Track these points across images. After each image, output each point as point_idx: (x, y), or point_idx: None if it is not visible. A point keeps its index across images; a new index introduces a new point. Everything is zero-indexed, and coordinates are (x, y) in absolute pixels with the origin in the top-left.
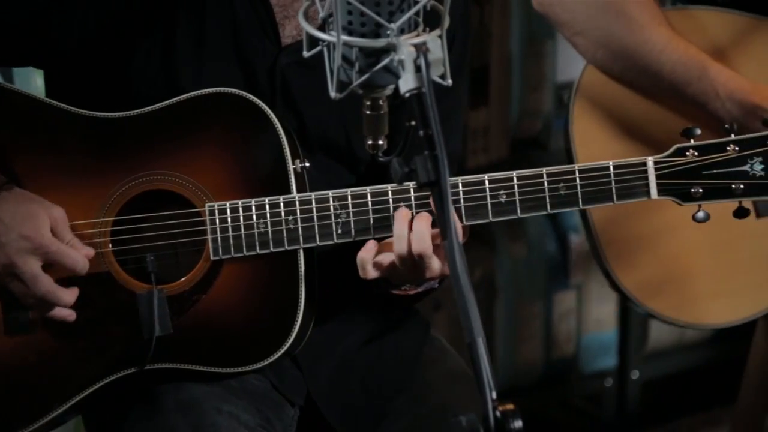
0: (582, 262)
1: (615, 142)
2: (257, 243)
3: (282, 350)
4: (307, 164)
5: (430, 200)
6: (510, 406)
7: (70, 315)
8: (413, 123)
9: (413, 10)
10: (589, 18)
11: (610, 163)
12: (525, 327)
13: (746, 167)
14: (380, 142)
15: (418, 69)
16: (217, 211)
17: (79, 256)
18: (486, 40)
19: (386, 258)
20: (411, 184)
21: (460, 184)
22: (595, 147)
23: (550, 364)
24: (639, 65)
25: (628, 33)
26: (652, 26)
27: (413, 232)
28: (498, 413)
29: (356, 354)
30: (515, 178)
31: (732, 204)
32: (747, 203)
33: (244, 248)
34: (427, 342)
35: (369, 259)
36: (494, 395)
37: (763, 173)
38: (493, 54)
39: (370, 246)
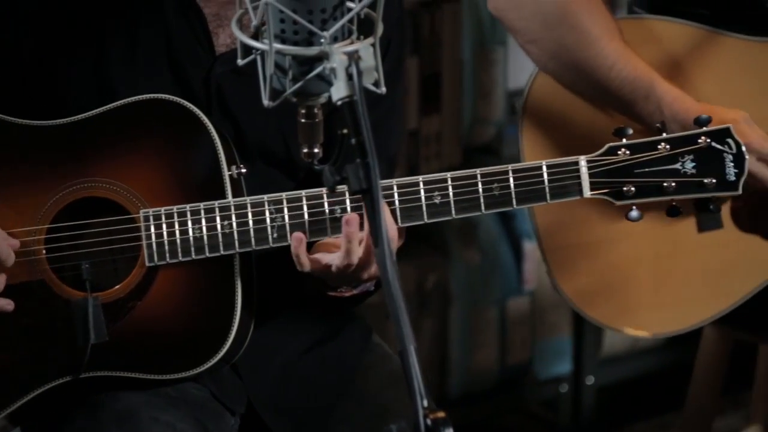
0: (536, 268)
1: (564, 147)
2: (192, 248)
3: (219, 355)
4: (244, 170)
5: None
6: (441, 414)
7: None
8: (345, 131)
9: (346, 18)
10: (543, 28)
11: (543, 162)
12: (479, 333)
13: (677, 165)
14: (315, 150)
15: (350, 77)
16: (151, 217)
17: (3, 245)
18: (437, 48)
19: (326, 258)
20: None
21: (395, 186)
22: (544, 153)
23: (505, 371)
24: (588, 79)
25: (580, 46)
26: (604, 41)
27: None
28: (429, 421)
29: (297, 360)
30: (449, 179)
31: (684, 219)
32: (687, 209)
33: (180, 254)
34: (368, 348)
35: (302, 252)
36: (425, 403)
37: (694, 171)
38: (444, 61)
39: (299, 239)
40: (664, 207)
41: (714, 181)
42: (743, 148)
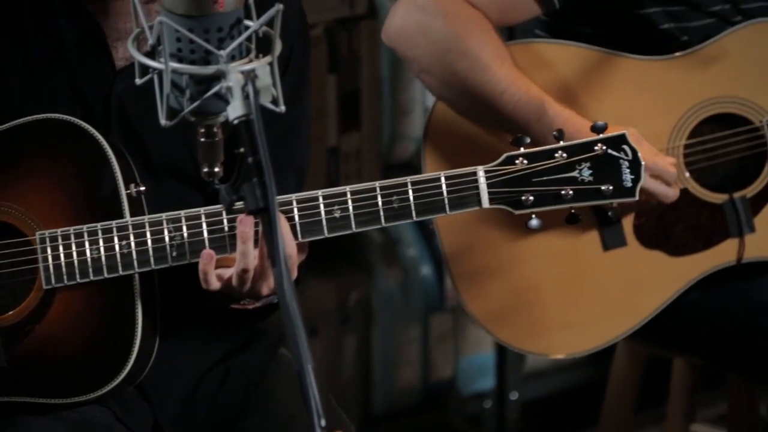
0: None
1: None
2: (90, 269)
3: (120, 377)
4: (143, 188)
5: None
6: None
7: None
8: (242, 150)
9: (243, 37)
10: (435, 57)
11: (442, 174)
12: (402, 351)
13: (575, 173)
14: (216, 170)
15: (246, 96)
16: (48, 239)
17: None
18: (355, 65)
19: (227, 272)
20: None
21: (294, 201)
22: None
23: (428, 388)
24: (482, 104)
25: (471, 73)
26: (495, 66)
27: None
28: None
29: (203, 377)
30: (349, 193)
31: (589, 238)
32: (591, 226)
33: (77, 275)
34: (275, 360)
35: (210, 270)
36: (323, 423)
37: (591, 179)
38: (363, 78)
39: (209, 256)
40: (573, 222)
41: (611, 187)
42: (639, 155)
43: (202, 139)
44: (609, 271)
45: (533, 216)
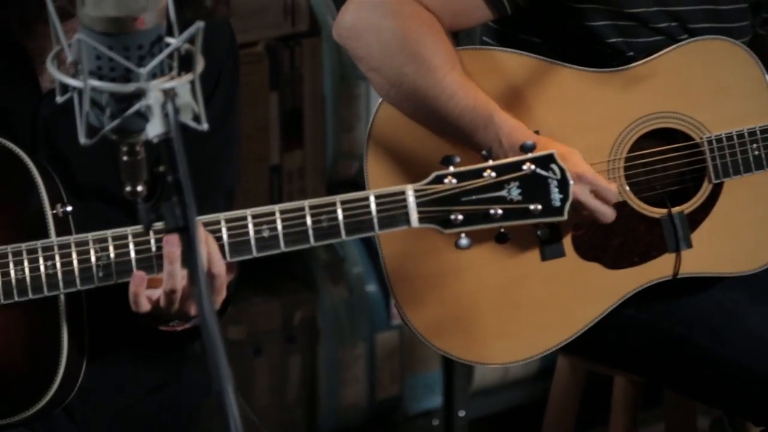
0: None
1: (409, 177)
2: (15, 290)
3: (46, 399)
4: (69, 208)
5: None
6: None
7: None
8: (163, 168)
9: (163, 54)
10: (384, 56)
11: (371, 193)
12: (348, 369)
13: (504, 192)
14: (139, 189)
15: (166, 114)
16: None
17: None
18: (298, 83)
19: (155, 293)
20: None
21: (223, 221)
22: (389, 183)
23: (375, 406)
24: (428, 108)
25: (420, 75)
26: (444, 70)
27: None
28: None
29: (136, 402)
30: (278, 212)
31: (528, 248)
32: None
33: (2, 296)
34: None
35: (141, 292)
36: None
37: (520, 198)
38: (305, 96)
39: (140, 278)
40: (503, 241)
41: (540, 206)
42: (567, 174)
43: (125, 158)
44: (546, 282)
45: (463, 235)
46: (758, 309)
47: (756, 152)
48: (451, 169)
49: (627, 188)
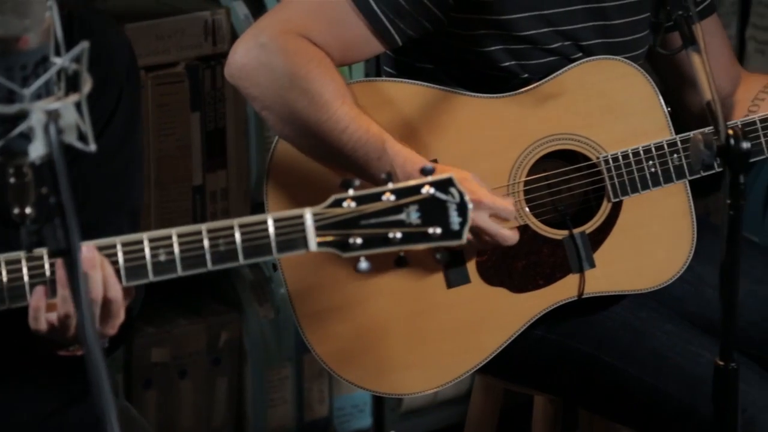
0: None
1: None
2: None
3: None
4: None
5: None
6: None
7: None
8: (46, 190)
9: (47, 75)
10: (276, 94)
11: (269, 216)
12: (276, 390)
13: (402, 216)
14: (27, 211)
15: (48, 135)
16: None
17: None
18: (220, 103)
19: (52, 316)
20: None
21: (119, 244)
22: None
23: (303, 427)
24: (322, 143)
25: (311, 110)
26: (336, 105)
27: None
28: None
29: (38, 425)
30: (175, 236)
31: (432, 275)
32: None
33: None
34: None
35: (42, 306)
36: None
37: (419, 221)
38: (228, 116)
39: (40, 293)
40: (402, 266)
41: (438, 230)
42: (466, 198)
43: (12, 180)
44: (453, 309)
45: (362, 259)
46: (665, 327)
47: (652, 169)
48: (351, 192)
49: (528, 211)
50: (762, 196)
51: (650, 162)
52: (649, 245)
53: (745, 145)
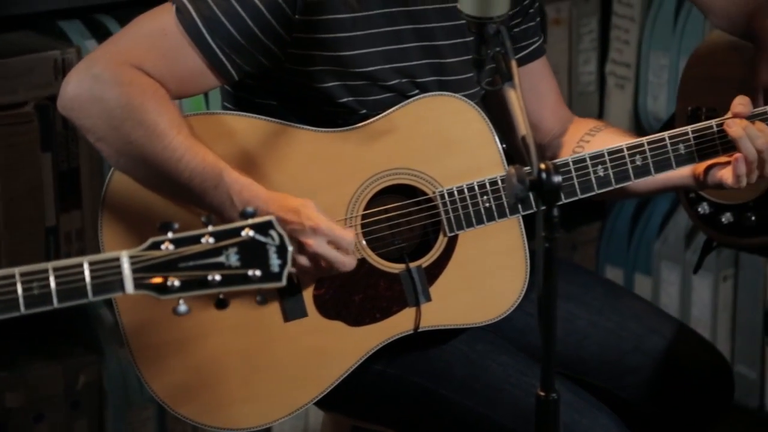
0: None
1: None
2: None
3: None
4: None
5: None
6: None
7: None
8: None
9: None
10: (110, 126)
11: (84, 259)
12: None
13: (222, 258)
14: None
15: None
16: None
17: None
18: (72, 143)
19: None
20: None
21: None
22: (125, 246)
23: None
24: (159, 173)
25: (147, 141)
26: (171, 135)
27: None
28: None
29: None
30: (17, 275)
31: (270, 309)
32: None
33: None
34: None
35: None
36: None
37: (239, 264)
38: (81, 156)
39: None
40: (222, 307)
41: (258, 272)
42: (286, 240)
43: None
44: (290, 343)
45: (181, 301)
46: (501, 359)
47: (486, 204)
48: (169, 235)
49: (365, 244)
50: (626, 229)
51: (484, 197)
52: (483, 279)
53: (557, 179)
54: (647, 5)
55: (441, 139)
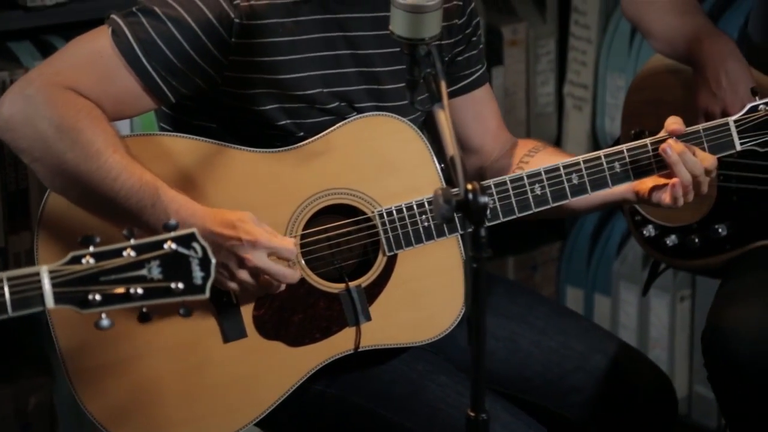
0: None
1: None
2: None
3: None
4: None
5: None
6: None
7: None
8: None
9: None
10: (44, 146)
11: (4, 275)
12: None
13: (144, 271)
14: None
15: None
16: None
17: None
18: (21, 163)
19: None
20: None
21: None
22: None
23: None
24: (94, 193)
25: (81, 161)
26: (107, 154)
27: None
28: None
29: None
30: None
31: (209, 330)
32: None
33: None
34: None
35: None
36: None
37: (161, 276)
38: (30, 177)
39: None
40: (145, 321)
41: (181, 285)
42: (209, 252)
43: None
44: (229, 364)
45: (104, 315)
46: (440, 379)
47: (425, 223)
48: (90, 248)
49: (304, 264)
50: (586, 248)
51: (423, 216)
52: (422, 298)
53: (483, 200)
54: (604, 27)
55: (379, 159)
